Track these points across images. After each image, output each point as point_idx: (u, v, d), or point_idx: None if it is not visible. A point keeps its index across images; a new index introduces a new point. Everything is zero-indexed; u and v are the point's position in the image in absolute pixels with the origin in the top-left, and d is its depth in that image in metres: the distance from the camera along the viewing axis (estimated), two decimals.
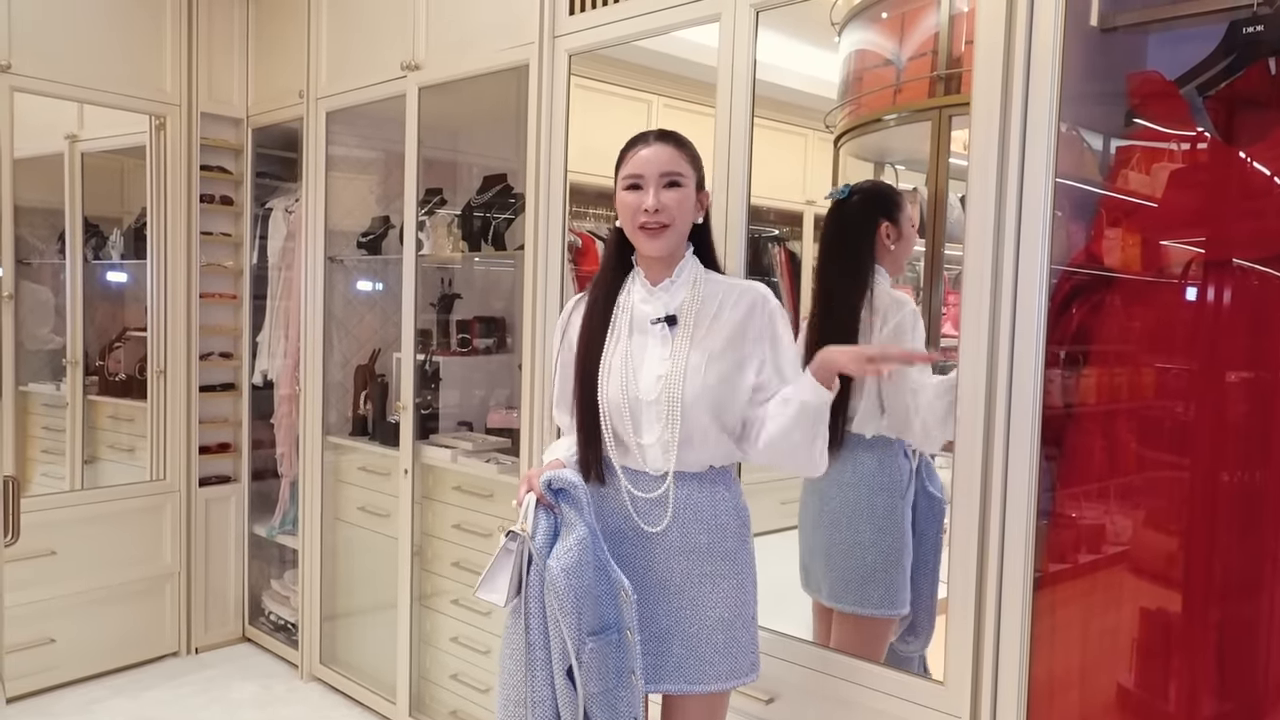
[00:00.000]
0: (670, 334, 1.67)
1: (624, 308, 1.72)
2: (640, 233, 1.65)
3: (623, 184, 1.68)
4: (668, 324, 1.67)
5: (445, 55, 2.88)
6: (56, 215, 3.59)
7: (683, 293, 1.69)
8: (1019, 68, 1.62)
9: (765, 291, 1.69)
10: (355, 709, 3.33)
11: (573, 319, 1.78)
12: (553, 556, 1.56)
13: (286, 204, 3.75)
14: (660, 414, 1.63)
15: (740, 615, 1.68)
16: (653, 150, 1.65)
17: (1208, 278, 1.55)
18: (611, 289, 1.74)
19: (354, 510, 3.41)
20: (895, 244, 1.97)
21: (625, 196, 1.67)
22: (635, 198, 1.65)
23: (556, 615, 1.54)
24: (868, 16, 2.19)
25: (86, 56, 3.38)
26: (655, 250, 1.67)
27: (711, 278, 1.72)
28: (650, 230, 1.64)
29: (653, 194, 1.63)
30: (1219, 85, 1.57)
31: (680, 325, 1.67)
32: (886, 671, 1.85)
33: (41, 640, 3.33)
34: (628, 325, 1.70)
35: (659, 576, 1.67)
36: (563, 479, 1.61)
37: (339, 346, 3.51)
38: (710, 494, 1.67)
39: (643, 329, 1.69)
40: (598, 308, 1.73)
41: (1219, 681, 1.56)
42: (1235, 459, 1.54)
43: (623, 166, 1.69)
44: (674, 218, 1.64)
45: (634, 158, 1.66)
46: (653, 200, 1.62)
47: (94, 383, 3.71)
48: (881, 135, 2.20)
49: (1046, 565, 1.68)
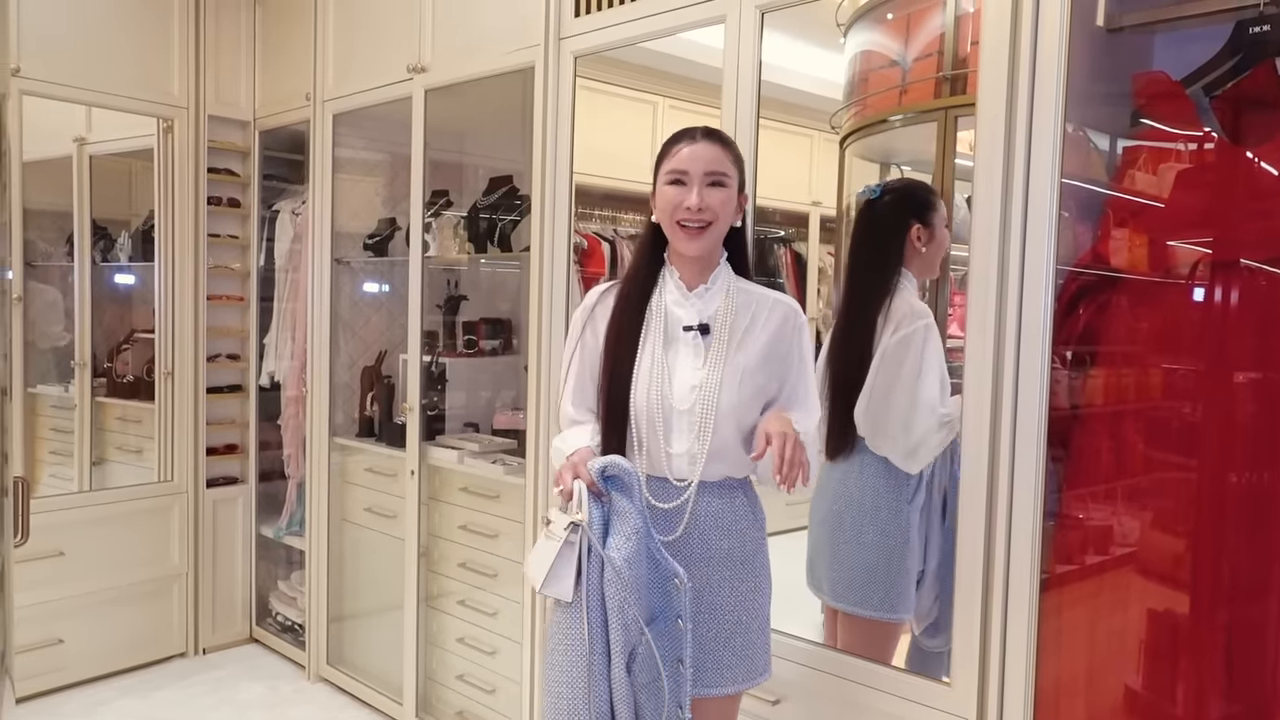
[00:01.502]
0: (703, 343, 1.63)
1: (656, 309, 1.67)
2: (679, 230, 1.62)
3: (665, 178, 1.63)
4: (700, 333, 1.63)
5: (451, 58, 2.89)
6: (65, 218, 3.61)
7: (717, 300, 1.66)
8: (1025, 68, 1.62)
9: (796, 307, 1.68)
10: (362, 710, 3.33)
11: (598, 311, 1.72)
12: (611, 547, 1.51)
13: (293, 206, 3.76)
14: (693, 424, 1.60)
15: (756, 618, 1.68)
16: (700, 147, 1.61)
17: (1215, 278, 1.55)
18: (646, 286, 1.69)
19: (361, 511, 3.42)
20: (926, 246, 1.93)
21: (667, 191, 1.62)
22: (677, 193, 1.61)
23: (619, 606, 1.49)
24: (873, 17, 2.19)
25: (95, 60, 3.39)
26: (694, 250, 1.63)
27: (743, 286, 1.68)
28: (690, 230, 1.61)
29: (696, 192, 1.59)
30: (1225, 85, 1.57)
31: (714, 335, 1.63)
32: (893, 673, 1.85)
33: (50, 641, 3.35)
34: (661, 328, 1.65)
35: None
36: (618, 465, 1.54)
37: (345, 348, 3.52)
38: (730, 501, 1.65)
39: (675, 333, 1.65)
40: (630, 304, 1.68)
41: (1227, 683, 1.55)
42: (1243, 460, 1.53)
43: (666, 161, 1.64)
44: (716, 216, 1.61)
45: (679, 153, 1.62)
46: (696, 199, 1.59)
47: (102, 384, 3.73)
48: (887, 136, 2.20)
49: (1053, 567, 1.67)
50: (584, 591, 1.51)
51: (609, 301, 1.71)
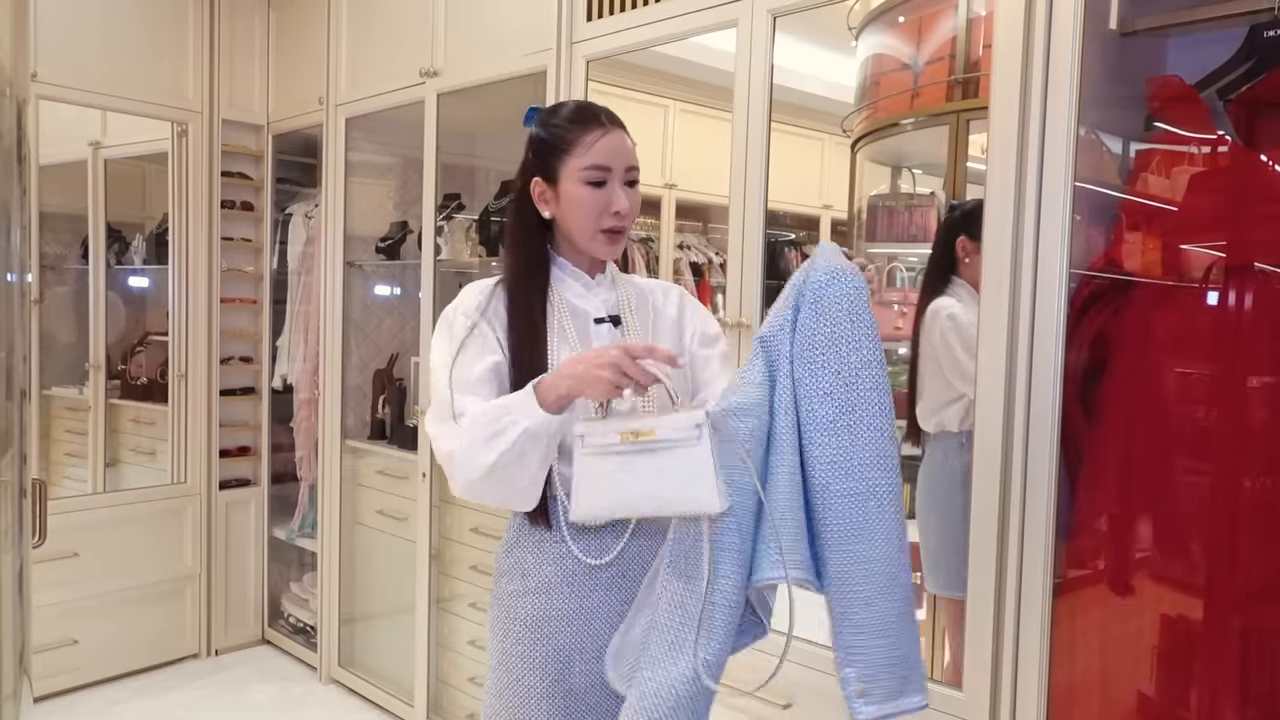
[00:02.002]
0: (619, 334, 1.50)
1: (556, 305, 1.48)
2: (601, 235, 1.44)
3: (581, 175, 1.41)
4: (613, 324, 1.50)
5: (464, 62, 2.90)
6: (80, 221, 3.64)
7: (611, 291, 1.53)
8: (1038, 72, 1.62)
9: (680, 288, 1.61)
10: (373, 711, 3.34)
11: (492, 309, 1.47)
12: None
13: (306, 209, 3.78)
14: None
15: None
16: (616, 137, 1.43)
17: (1229, 282, 1.54)
18: (541, 281, 1.48)
19: (372, 514, 3.43)
20: (970, 258, 1.96)
21: (583, 193, 1.42)
22: (600, 196, 1.42)
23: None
24: (885, 21, 2.19)
25: (110, 65, 3.42)
26: (613, 255, 1.50)
27: (624, 277, 1.58)
28: (614, 235, 1.45)
29: (622, 194, 1.43)
30: (1240, 89, 1.56)
31: (628, 325, 1.50)
32: None
33: (64, 641, 3.37)
34: (569, 324, 1.47)
35: (622, 597, 1.45)
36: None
37: (357, 351, 3.53)
38: None
39: (584, 328, 1.48)
40: (531, 301, 1.46)
41: (1241, 689, 1.54)
42: (1258, 464, 1.52)
43: (574, 151, 1.42)
44: (632, 220, 1.47)
45: (595, 145, 1.41)
46: (624, 201, 1.43)
47: (116, 387, 3.75)
48: (899, 139, 2.20)
49: (1066, 571, 1.67)
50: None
51: (500, 297, 1.48)
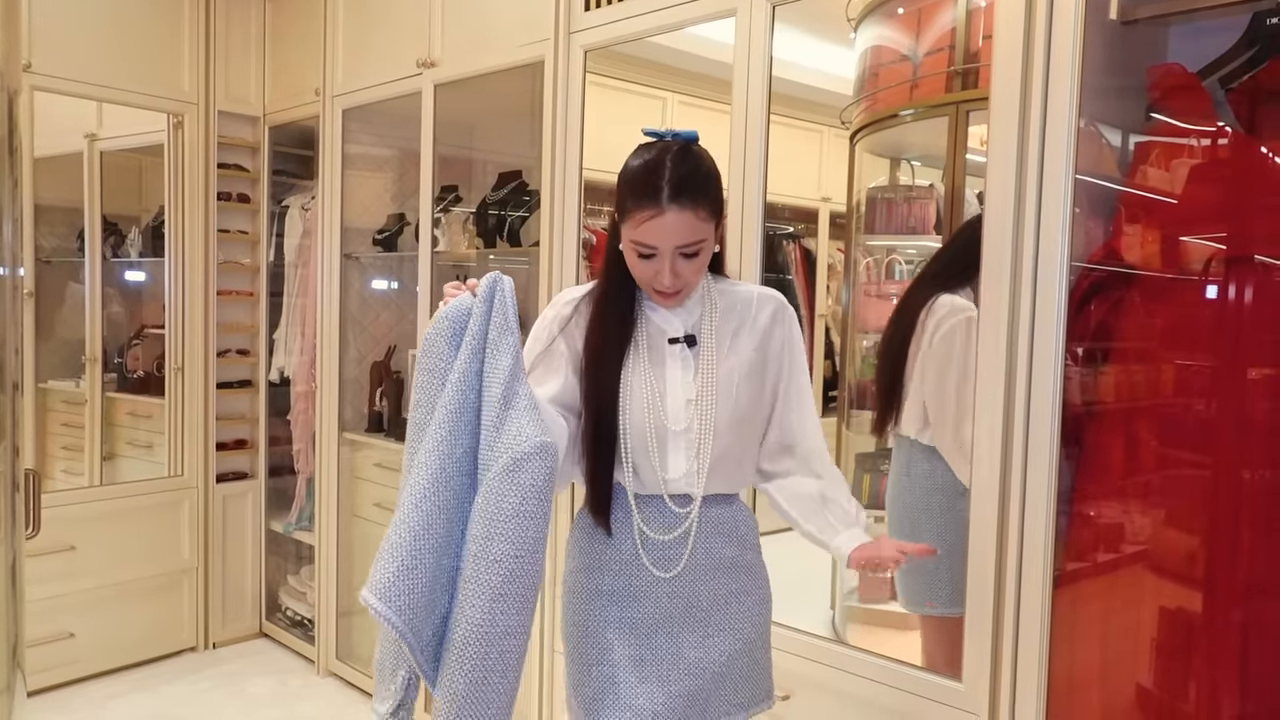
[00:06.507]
0: (691, 354, 1.53)
1: (637, 321, 1.55)
2: (654, 293, 1.51)
3: (632, 248, 1.46)
4: (687, 344, 1.53)
5: (461, 52, 2.88)
6: (76, 214, 3.62)
7: (699, 306, 1.55)
8: (1038, 62, 1.61)
9: (781, 298, 1.59)
10: (371, 703, 3.34)
11: (575, 323, 1.57)
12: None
13: (303, 201, 3.77)
14: (691, 443, 1.51)
15: (763, 635, 1.62)
16: (669, 219, 1.41)
17: (1229, 274, 1.54)
18: (622, 307, 1.55)
19: (370, 506, 3.42)
20: None
21: (634, 258, 1.47)
22: (648, 267, 1.46)
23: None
24: (884, 12, 2.18)
25: (105, 56, 3.40)
26: (669, 306, 1.53)
27: (723, 288, 1.58)
28: (666, 295, 1.49)
29: (669, 270, 1.44)
30: (1242, 78, 1.56)
31: (702, 345, 1.53)
32: (904, 669, 1.84)
33: (61, 635, 3.36)
34: (645, 343, 1.53)
35: (684, 604, 1.55)
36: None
37: (355, 343, 3.52)
38: (728, 508, 1.59)
39: (659, 347, 1.54)
40: (613, 316, 1.54)
41: (1241, 682, 1.54)
42: (1258, 456, 1.52)
43: (627, 220, 1.44)
44: (690, 282, 1.49)
45: (646, 224, 1.42)
46: (669, 279, 1.45)
47: (112, 380, 3.74)
48: (898, 131, 2.19)
49: (1066, 563, 1.66)
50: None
51: (585, 312, 1.57)
